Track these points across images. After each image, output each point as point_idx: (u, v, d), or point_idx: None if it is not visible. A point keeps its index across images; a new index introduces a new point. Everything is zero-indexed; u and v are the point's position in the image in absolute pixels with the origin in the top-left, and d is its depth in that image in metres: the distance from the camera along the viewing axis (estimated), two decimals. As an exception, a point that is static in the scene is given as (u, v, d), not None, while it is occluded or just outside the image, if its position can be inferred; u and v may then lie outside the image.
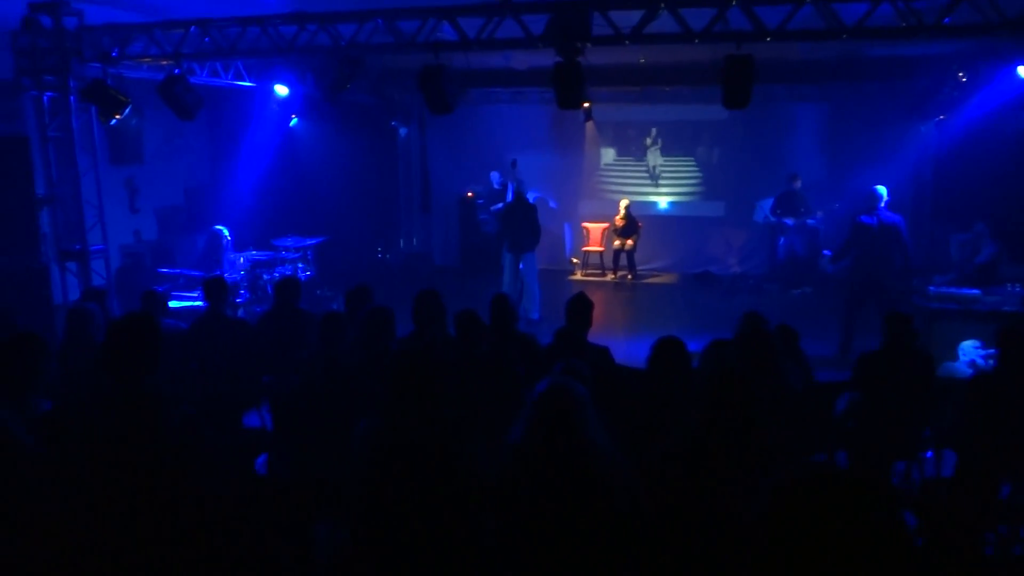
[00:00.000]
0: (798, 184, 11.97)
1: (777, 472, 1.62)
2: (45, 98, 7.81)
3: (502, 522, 2.80)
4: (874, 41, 7.69)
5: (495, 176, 13.33)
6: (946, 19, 6.04)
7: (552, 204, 13.93)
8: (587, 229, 13.76)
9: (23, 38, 7.45)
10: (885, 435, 4.72)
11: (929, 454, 4.98)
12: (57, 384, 4.21)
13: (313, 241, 11.12)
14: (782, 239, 12.18)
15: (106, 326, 5.09)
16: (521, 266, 10.15)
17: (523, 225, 10.08)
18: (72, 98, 7.77)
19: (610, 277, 13.28)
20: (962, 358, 6.24)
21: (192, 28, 7.45)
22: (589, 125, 13.41)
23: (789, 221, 11.95)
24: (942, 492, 4.36)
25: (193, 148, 12.95)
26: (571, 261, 14.12)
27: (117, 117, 7.79)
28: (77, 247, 8.07)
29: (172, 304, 8.28)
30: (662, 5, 6.37)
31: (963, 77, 9.37)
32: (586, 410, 2.68)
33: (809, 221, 11.99)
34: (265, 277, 10.30)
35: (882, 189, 8.24)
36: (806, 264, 12.22)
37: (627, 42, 6.59)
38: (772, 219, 12.24)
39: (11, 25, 7.45)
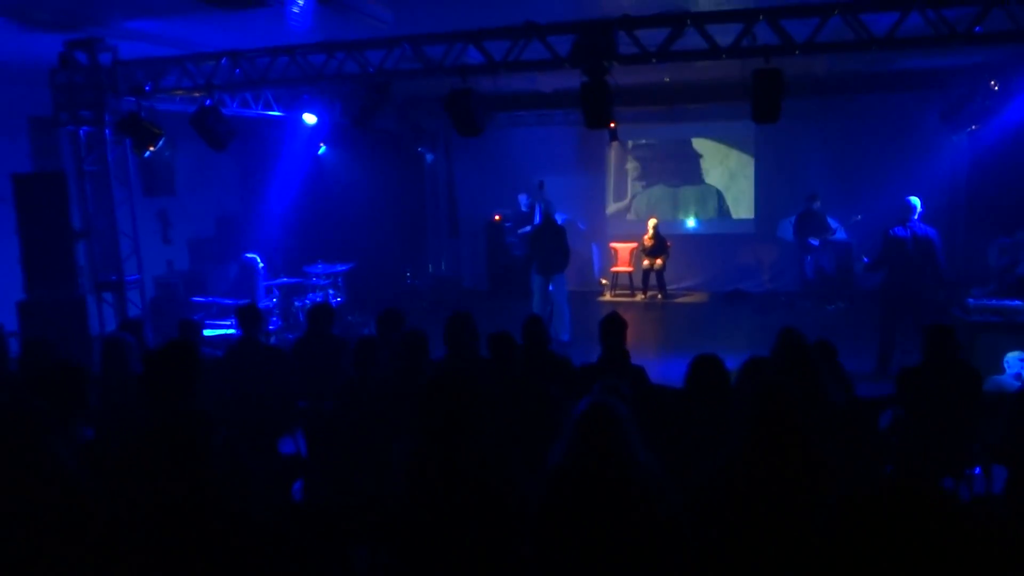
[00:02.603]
0: (817, 204, 11.88)
1: (842, 489, 1.58)
2: (82, 132, 7.96)
3: (543, 544, 2.76)
4: (904, 52, 7.60)
5: (523, 199, 13.38)
6: (977, 27, 5.97)
7: (580, 225, 13.93)
8: (615, 249, 13.72)
9: (60, 74, 7.62)
10: (931, 451, 4.61)
11: (977, 470, 4.85)
12: (96, 413, 4.25)
13: (343, 267, 11.20)
14: (808, 257, 12.08)
15: (142, 356, 5.15)
16: (551, 288, 10.12)
17: (552, 247, 10.08)
18: (107, 132, 7.92)
19: (640, 297, 13.21)
20: (1008, 371, 6.09)
21: (223, 60, 7.58)
22: (614, 145, 13.42)
23: (814, 241, 11.88)
24: (993, 508, 4.24)
25: (224, 179, 13.15)
26: (600, 282, 14.08)
27: (151, 149, 7.93)
28: (113, 278, 8.18)
29: (206, 332, 8.36)
30: (688, 22, 6.37)
31: (995, 86, 9.24)
32: (628, 429, 2.65)
33: (835, 236, 11.90)
34: (297, 304, 10.39)
35: (916, 200, 8.12)
36: (837, 280, 12.11)
37: (654, 60, 6.58)
38: (792, 240, 12.22)
39: (48, 62, 7.63)
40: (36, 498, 2.49)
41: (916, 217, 8.03)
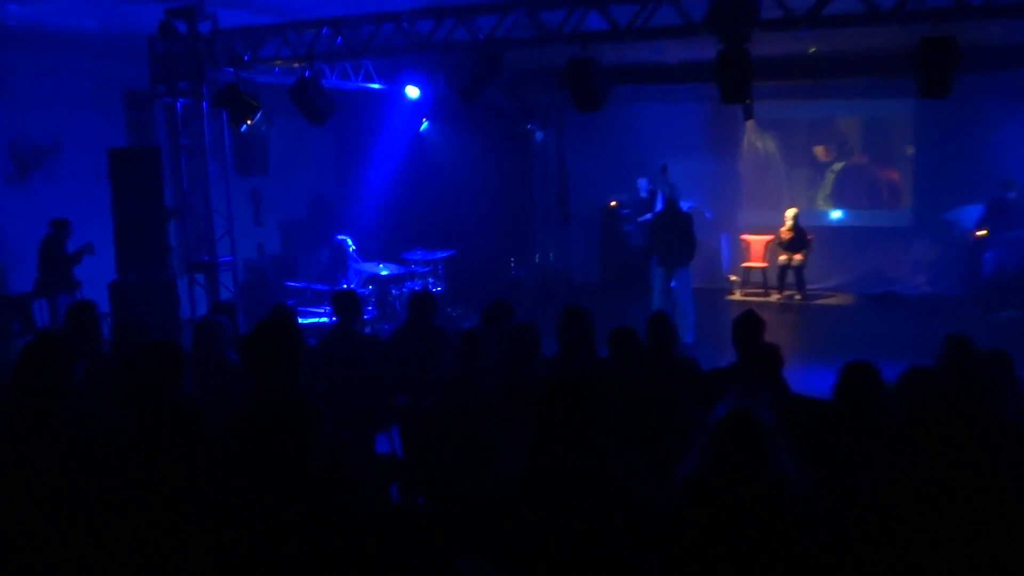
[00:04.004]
0: (1012, 194, 11.26)
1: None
2: (179, 105, 8.39)
3: (674, 561, 2.74)
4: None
5: (642, 183, 13.24)
6: None
7: (708, 214, 13.66)
8: (747, 242, 13.43)
9: (159, 44, 8.05)
10: None
11: None
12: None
13: (443, 254, 11.33)
14: (989, 252, 11.45)
15: (235, 341, 5.37)
16: (673, 283, 9.98)
17: (676, 237, 9.93)
18: (205, 104, 8.31)
19: (775, 297, 12.89)
20: None
21: (324, 29, 7.82)
22: (750, 124, 13.08)
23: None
24: None
25: (318, 157, 13.60)
26: (729, 279, 13.81)
27: (248, 123, 8.27)
28: (206, 258, 8.59)
29: (299, 320, 8.65)
30: (845, -19, 6.16)
31: None
32: (774, 438, 2.59)
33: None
34: (394, 292, 10.60)
35: None
36: (1015, 284, 11.45)
37: (802, 25, 6.40)
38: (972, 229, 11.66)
39: (146, 33, 8.06)
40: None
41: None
